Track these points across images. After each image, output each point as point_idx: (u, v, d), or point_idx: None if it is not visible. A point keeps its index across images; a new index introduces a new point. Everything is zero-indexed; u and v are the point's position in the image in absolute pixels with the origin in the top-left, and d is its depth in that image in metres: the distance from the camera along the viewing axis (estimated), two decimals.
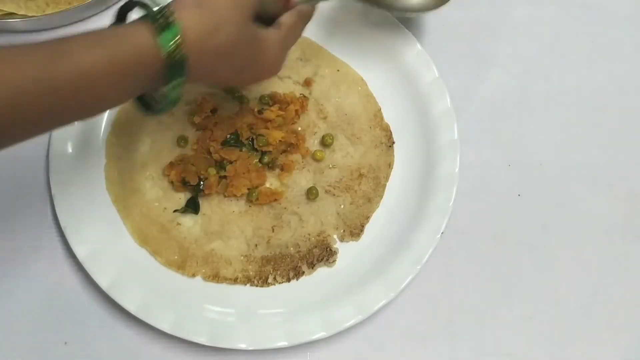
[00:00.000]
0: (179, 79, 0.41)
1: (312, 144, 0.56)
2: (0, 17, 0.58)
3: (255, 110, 0.56)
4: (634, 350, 0.51)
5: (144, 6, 0.41)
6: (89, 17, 0.61)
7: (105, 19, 0.60)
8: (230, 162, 0.53)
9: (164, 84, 0.41)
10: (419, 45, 0.59)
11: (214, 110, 0.56)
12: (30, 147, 0.55)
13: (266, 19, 0.47)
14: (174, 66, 0.39)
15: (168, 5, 0.40)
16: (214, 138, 0.54)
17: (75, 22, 0.61)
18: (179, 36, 0.39)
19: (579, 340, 0.52)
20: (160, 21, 0.39)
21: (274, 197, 0.53)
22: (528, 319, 0.52)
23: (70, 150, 0.54)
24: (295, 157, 0.55)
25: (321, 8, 0.61)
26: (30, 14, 0.58)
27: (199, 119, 0.55)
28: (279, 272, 0.52)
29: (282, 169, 0.55)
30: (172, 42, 0.39)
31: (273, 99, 0.57)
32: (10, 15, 0.58)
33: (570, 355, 0.51)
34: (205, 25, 0.40)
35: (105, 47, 0.37)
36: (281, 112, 0.56)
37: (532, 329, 0.52)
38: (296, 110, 0.56)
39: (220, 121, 0.55)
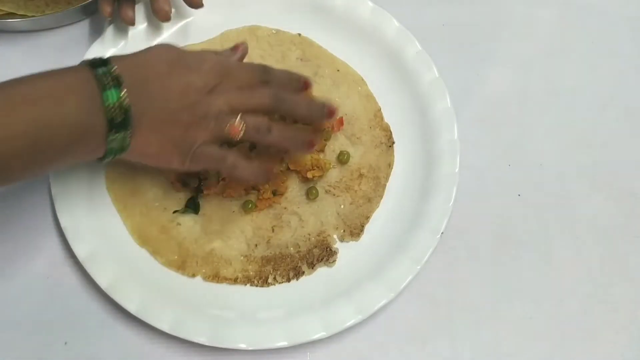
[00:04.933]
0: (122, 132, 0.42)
1: None
2: (0, 17, 0.58)
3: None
4: (634, 350, 0.51)
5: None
6: (89, 17, 0.61)
7: (104, 21, 0.61)
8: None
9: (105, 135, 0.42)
10: (419, 45, 0.59)
11: None
12: None
13: None
14: (118, 120, 0.41)
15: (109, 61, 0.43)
16: None
17: (75, 22, 0.61)
18: (124, 92, 0.41)
19: (579, 340, 0.52)
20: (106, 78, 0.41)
21: (269, 202, 0.53)
22: (528, 319, 0.52)
23: None
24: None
25: (321, 8, 0.61)
26: (30, 14, 0.58)
27: None
28: (279, 272, 0.52)
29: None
30: (117, 99, 0.41)
31: None
32: (10, 15, 0.58)
33: (570, 356, 0.51)
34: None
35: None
36: None
37: (532, 329, 0.52)
38: None
39: None
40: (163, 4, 0.56)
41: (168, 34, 0.60)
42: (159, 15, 0.56)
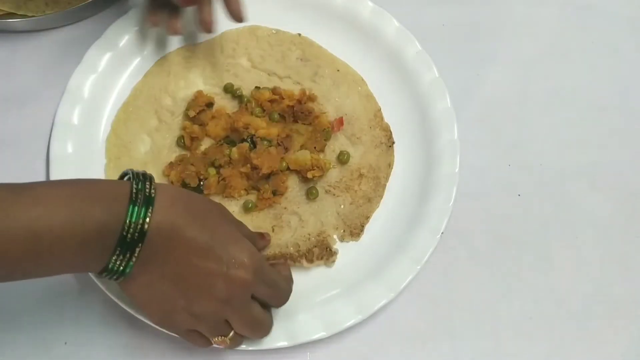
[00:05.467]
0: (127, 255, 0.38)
1: None
2: (0, 17, 0.58)
3: (254, 87, 0.57)
4: (634, 350, 0.51)
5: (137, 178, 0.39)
6: (88, 17, 0.61)
7: (104, 21, 0.61)
8: (219, 166, 0.54)
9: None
10: (419, 45, 0.59)
11: (209, 105, 0.56)
12: (30, 147, 0.55)
13: None
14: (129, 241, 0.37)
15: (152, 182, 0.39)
16: (209, 133, 0.55)
17: (75, 22, 0.61)
18: (149, 213, 0.37)
19: (579, 340, 0.51)
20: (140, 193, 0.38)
21: (269, 202, 0.53)
22: (528, 319, 0.52)
23: (70, 150, 0.54)
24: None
25: (321, 8, 0.61)
26: (30, 14, 0.58)
27: (194, 112, 0.55)
28: None
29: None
30: (140, 217, 0.37)
31: (272, 91, 0.57)
32: (10, 15, 0.58)
33: (570, 355, 0.51)
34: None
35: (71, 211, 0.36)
36: (275, 97, 0.56)
37: (532, 329, 0.52)
38: (290, 106, 0.56)
39: (218, 116, 0.55)
40: (207, 16, 0.54)
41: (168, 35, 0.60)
42: (203, 27, 0.55)
